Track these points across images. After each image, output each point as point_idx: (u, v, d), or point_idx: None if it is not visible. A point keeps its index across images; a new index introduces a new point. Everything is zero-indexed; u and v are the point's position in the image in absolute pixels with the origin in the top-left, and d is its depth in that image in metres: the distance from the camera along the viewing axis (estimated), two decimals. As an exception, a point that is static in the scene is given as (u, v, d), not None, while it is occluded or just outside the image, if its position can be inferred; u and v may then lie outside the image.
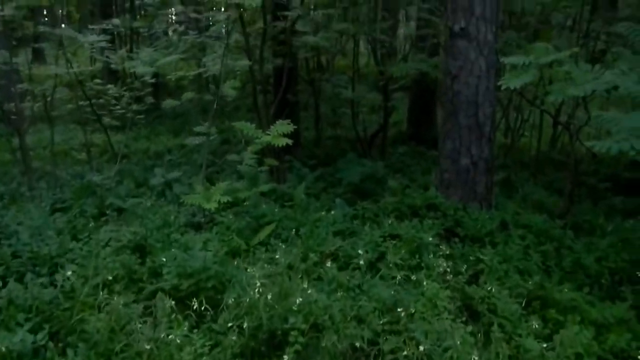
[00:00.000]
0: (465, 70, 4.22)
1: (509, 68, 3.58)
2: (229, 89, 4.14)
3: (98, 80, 8.22)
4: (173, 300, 2.64)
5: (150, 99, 8.68)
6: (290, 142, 4.02)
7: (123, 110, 7.64)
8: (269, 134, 4.17)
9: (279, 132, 4.12)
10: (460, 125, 4.32)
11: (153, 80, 7.85)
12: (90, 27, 8.70)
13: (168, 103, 5.37)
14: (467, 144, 4.32)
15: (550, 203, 4.91)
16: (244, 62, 4.31)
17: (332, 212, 4.37)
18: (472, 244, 3.65)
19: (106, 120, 8.53)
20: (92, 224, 4.14)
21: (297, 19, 4.76)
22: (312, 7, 4.58)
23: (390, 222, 4.01)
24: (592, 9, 6.50)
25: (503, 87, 3.42)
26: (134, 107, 8.02)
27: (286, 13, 3.96)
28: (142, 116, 8.70)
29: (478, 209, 4.25)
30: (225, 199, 4.10)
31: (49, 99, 6.34)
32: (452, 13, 4.16)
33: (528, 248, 3.55)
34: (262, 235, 3.91)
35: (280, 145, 4.03)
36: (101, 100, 7.83)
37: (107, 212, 4.66)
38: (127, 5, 12.32)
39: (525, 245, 3.58)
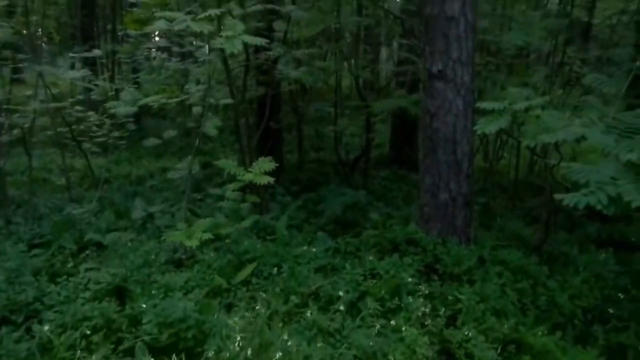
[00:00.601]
0: (444, 110, 4.31)
1: (485, 112, 3.66)
2: (211, 129, 4.17)
3: (79, 108, 8.18)
4: (152, 352, 2.64)
5: (132, 126, 8.66)
6: (272, 180, 4.07)
7: (104, 138, 7.62)
8: (251, 172, 4.21)
9: (261, 170, 4.17)
10: (439, 161, 4.40)
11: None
12: (71, 55, 8.69)
13: (150, 141, 5.36)
14: (445, 180, 4.40)
15: (527, 234, 5.01)
16: (227, 100, 4.34)
17: (314, 248, 4.40)
18: (450, 282, 3.71)
19: (86, 146, 8.47)
20: (71, 264, 4.11)
21: (279, 58, 4.83)
22: (295, 43, 4.65)
23: (370, 258, 4.05)
24: (566, 41, 6.70)
25: (479, 132, 3.51)
26: (115, 133, 8.01)
27: (268, 52, 4.02)
28: (123, 142, 8.68)
29: (457, 243, 4.32)
30: (207, 236, 4.12)
31: (26, 125, 6.27)
32: (430, 55, 4.26)
33: (505, 286, 3.62)
34: (244, 274, 3.92)
35: (262, 182, 4.07)
36: (82, 127, 7.80)
37: (87, 248, 4.64)
38: (109, 27, 12.30)
39: (502, 283, 3.65)
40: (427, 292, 3.48)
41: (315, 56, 5.15)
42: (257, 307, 3.20)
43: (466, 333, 2.98)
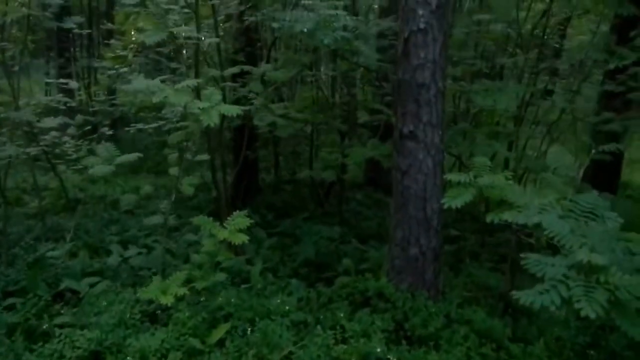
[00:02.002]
0: (414, 168, 4.47)
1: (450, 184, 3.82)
2: (187, 187, 4.23)
3: (55, 133, 8.09)
4: None
5: (106, 133, 8.50)
6: (246, 239, 4.16)
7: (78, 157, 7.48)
8: (226, 228, 4.30)
9: (236, 227, 4.27)
10: (410, 216, 4.56)
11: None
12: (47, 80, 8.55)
13: (126, 157, 5.12)
14: (416, 235, 4.56)
15: (494, 281, 5.20)
16: (204, 157, 4.41)
17: (288, 297, 4.52)
18: (418, 347, 3.86)
19: (61, 168, 8.39)
20: (46, 321, 4.15)
21: (256, 113, 4.92)
22: (272, 95, 4.73)
23: (342, 314, 4.20)
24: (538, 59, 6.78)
25: (445, 207, 3.67)
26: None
27: (243, 108, 4.10)
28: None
29: (426, 297, 4.49)
30: (182, 291, 4.20)
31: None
32: (402, 117, 4.40)
33: (470, 350, 3.80)
34: (218, 333, 4.02)
35: (237, 241, 4.16)
36: (57, 151, 7.72)
37: (63, 296, 4.67)
38: (85, 42, 12.17)
39: (467, 347, 3.82)
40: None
41: (290, 107, 5.24)
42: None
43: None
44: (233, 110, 3.68)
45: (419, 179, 4.49)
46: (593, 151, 4.55)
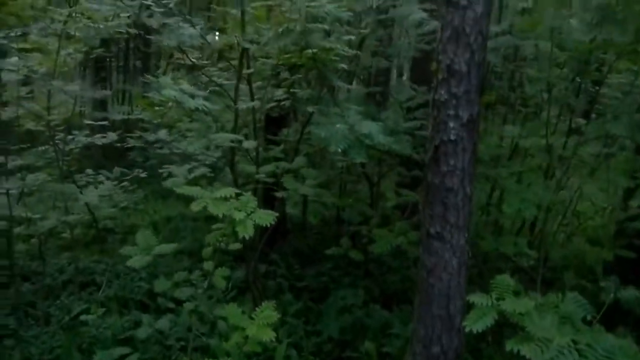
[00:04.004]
0: (439, 267, 4.53)
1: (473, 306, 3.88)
2: (219, 279, 4.40)
3: (89, 171, 8.37)
4: None
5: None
6: (274, 336, 4.28)
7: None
8: (253, 319, 4.44)
9: (265, 321, 4.39)
10: (433, 315, 4.62)
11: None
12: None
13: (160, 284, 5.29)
14: (438, 333, 4.62)
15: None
16: (236, 245, 4.54)
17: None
18: None
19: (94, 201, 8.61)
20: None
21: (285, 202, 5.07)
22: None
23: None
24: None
25: (467, 330, 3.74)
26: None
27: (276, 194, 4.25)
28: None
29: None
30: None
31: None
32: (430, 218, 4.48)
33: None
34: None
35: (265, 336, 4.29)
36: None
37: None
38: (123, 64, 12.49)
39: None
40: None
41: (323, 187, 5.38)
42: None
43: None
44: (268, 219, 3.82)
45: (443, 278, 4.55)
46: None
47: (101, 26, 5.27)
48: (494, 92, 5.80)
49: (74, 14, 5.64)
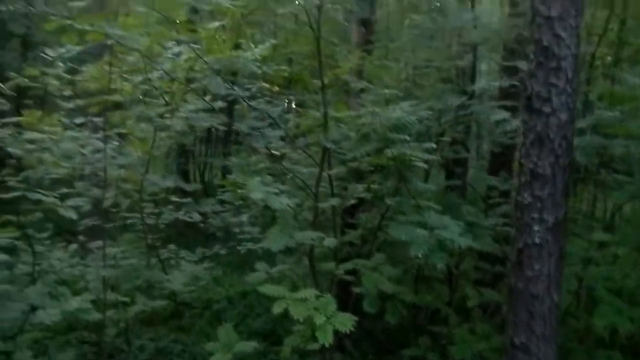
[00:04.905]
0: (525, 381, 4.26)
1: None
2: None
3: (172, 246, 8.77)
4: None
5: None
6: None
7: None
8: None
9: None
10: None
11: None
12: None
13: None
14: None
15: None
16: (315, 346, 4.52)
17: None
18: None
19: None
20: None
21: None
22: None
23: None
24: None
25: None
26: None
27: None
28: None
29: None
30: None
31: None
32: (514, 325, 4.27)
33: None
34: None
35: None
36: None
37: None
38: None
39: None
40: None
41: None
42: None
43: None
44: (347, 324, 3.81)
45: (530, 391, 4.27)
46: None
47: (194, 124, 5.72)
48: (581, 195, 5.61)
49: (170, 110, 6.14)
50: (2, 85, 4.35)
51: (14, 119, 4.44)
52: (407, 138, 4.19)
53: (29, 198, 4.38)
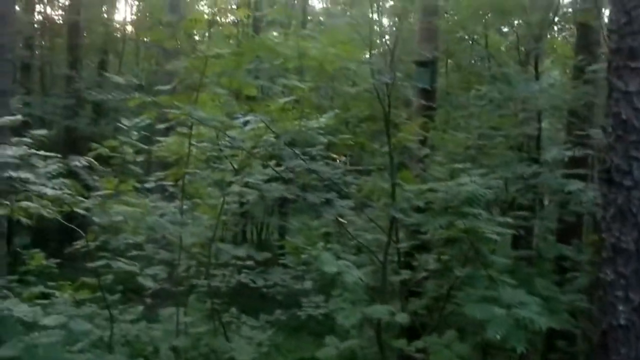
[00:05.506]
0: None
1: None
2: None
3: (234, 310, 8.78)
4: None
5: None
6: None
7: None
8: None
9: None
10: None
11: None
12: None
13: None
14: None
15: None
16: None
17: None
18: None
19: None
20: None
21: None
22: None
23: None
24: None
25: None
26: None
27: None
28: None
29: None
30: None
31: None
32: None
33: None
34: None
35: None
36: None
37: None
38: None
39: None
40: None
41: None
42: None
43: None
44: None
45: None
46: None
47: (266, 194, 5.87)
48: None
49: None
50: (93, 161, 4.66)
51: (101, 192, 4.73)
52: (481, 212, 4.15)
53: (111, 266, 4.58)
